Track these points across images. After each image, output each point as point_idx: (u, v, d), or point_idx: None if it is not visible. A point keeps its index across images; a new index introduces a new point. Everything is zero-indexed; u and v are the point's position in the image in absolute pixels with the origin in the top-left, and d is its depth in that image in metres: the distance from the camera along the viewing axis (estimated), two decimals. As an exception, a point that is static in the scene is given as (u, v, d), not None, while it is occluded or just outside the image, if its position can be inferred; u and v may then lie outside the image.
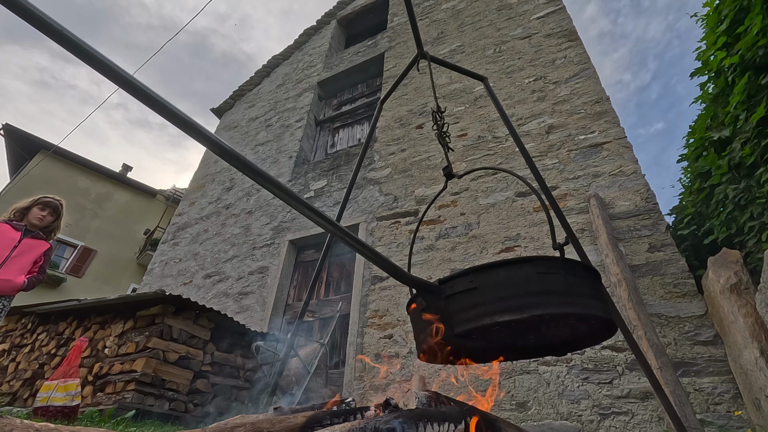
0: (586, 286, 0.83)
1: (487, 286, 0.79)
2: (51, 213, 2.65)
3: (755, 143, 2.51)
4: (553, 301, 0.77)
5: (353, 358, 3.56)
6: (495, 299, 0.78)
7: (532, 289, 0.77)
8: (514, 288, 0.78)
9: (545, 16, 5.10)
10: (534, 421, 2.62)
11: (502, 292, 0.78)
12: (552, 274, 0.80)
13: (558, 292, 0.78)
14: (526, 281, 0.78)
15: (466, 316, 0.80)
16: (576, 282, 0.81)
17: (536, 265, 0.80)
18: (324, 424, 1.13)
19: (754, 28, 2.46)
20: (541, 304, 0.76)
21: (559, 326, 0.97)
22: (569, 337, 1.03)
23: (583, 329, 0.99)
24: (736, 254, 2.35)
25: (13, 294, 2.48)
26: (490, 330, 0.88)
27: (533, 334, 1.01)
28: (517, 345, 1.07)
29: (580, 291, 0.81)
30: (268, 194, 5.89)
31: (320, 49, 8.06)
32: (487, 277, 0.80)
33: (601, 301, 0.85)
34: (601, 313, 0.82)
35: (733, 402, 2.23)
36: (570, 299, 0.78)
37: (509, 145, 4.15)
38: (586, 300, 0.81)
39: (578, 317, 0.84)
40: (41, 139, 13.65)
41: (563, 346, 1.08)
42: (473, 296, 0.80)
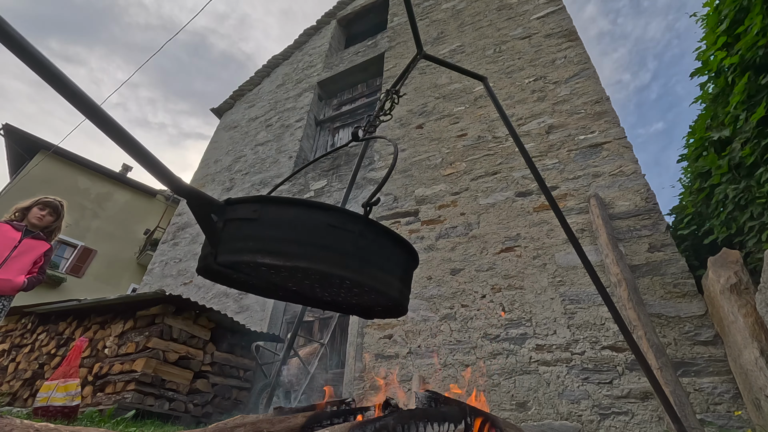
0: (382, 256, 0.74)
1: (270, 220, 0.69)
2: (51, 213, 2.65)
3: (755, 143, 2.51)
4: (325, 257, 0.67)
5: (353, 358, 3.56)
6: (268, 238, 0.68)
7: (310, 239, 0.67)
8: (294, 232, 0.68)
9: (545, 16, 5.10)
10: (534, 421, 2.62)
11: (279, 232, 0.68)
12: (344, 231, 0.70)
13: (340, 251, 0.68)
14: (312, 229, 0.68)
15: (233, 246, 0.69)
16: (369, 248, 0.71)
17: (331, 215, 0.70)
18: (324, 424, 1.13)
19: (754, 28, 2.46)
20: (310, 257, 0.66)
21: (337, 289, 0.84)
22: (363, 303, 0.93)
23: (368, 300, 0.87)
24: (736, 254, 2.35)
25: (13, 294, 2.48)
26: (258, 271, 0.77)
27: (318, 288, 0.87)
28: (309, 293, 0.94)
29: (368, 257, 0.71)
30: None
31: (320, 49, 8.06)
32: (274, 210, 0.70)
33: (396, 277, 0.76)
34: (384, 289, 0.73)
35: (733, 402, 2.23)
36: (346, 261, 0.68)
37: (509, 145, 4.15)
38: (368, 268, 0.71)
39: (351, 283, 0.74)
40: (41, 139, 13.65)
41: (349, 308, 0.97)
42: (251, 227, 0.70)
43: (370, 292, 0.77)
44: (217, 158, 7.50)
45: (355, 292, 0.82)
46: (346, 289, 0.82)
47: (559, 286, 3.06)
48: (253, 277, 0.84)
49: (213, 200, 0.72)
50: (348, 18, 8.60)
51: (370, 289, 0.72)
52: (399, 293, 0.78)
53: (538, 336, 2.92)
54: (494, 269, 3.41)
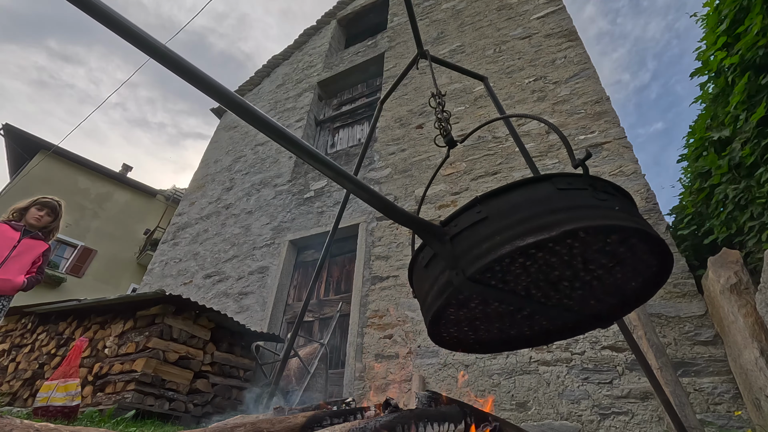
0: (623, 204, 0.69)
1: (500, 212, 0.65)
2: (49, 213, 2.64)
3: (755, 143, 2.51)
4: (586, 214, 0.62)
5: (353, 358, 3.56)
6: (513, 223, 0.63)
7: (557, 206, 0.63)
8: (535, 207, 0.64)
9: (545, 16, 5.10)
10: (534, 421, 2.62)
11: (520, 214, 0.64)
12: (577, 190, 0.66)
13: (589, 205, 0.64)
14: (548, 199, 0.64)
15: (478, 251, 0.64)
16: (608, 199, 0.67)
17: (556, 181, 0.67)
18: (324, 424, 1.13)
19: (754, 28, 2.46)
20: (573, 218, 0.61)
21: (600, 259, 0.75)
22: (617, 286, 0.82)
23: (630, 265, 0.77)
24: (736, 254, 2.35)
25: (13, 294, 2.48)
26: (512, 270, 0.71)
27: (570, 279, 0.77)
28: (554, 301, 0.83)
29: (616, 206, 0.67)
30: (268, 194, 5.89)
31: (320, 49, 8.06)
32: (498, 203, 0.67)
33: (643, 220, 0.70)
34: (648, 229, 0.66)
35: (733, 402, 2.23)
36: (604, 212, 0.63)
37: (509, 145, 4.15)
38: (626, 215, 0.66)
39: (620, 233, 0.67)
40: (41, 139, 13.65)
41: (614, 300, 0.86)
42: (485, 227, 0.66)
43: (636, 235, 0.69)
44: (217, 158, 7.50)
45: (620, 252, 0.73)
46: (610, 250, 0.72)
47: (559, 286, 3.05)
48: (498, 289, 0.75)
49: (431, 224, 0.69)
50: (348, 18, 8.60)
51: (636, 230, 0.65)
52: (642, 222, 0.71)
53: (538, 336, 2.92)
54: (494, 269, 3.41)
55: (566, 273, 0.75)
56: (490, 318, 0.87)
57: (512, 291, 0.76)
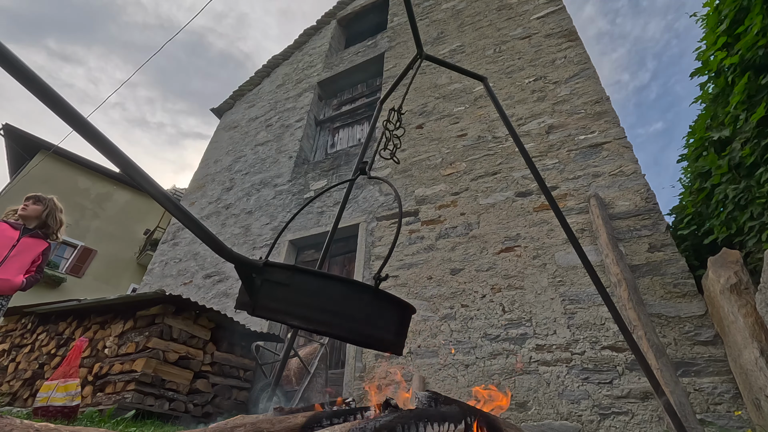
0: (383, 318, 0.89)
1: (298, 288, 0.83)
2: (34, 202, 2.61)
3: (755, 143, 2.51)
4: (338, 325, 0.83)
5: (353, 358, 3.56)
6: (296, 303, 0.82)
7: (329, 307, 0.82)
8: (317, 300, 0.82)
9: (545, 16, 5.10)
10: (534, 421, 2.62)
11: (305, 300, 0.82)
12: (356, 300, 0.85)
13: (349, 317, 0.84)
14: (330, 298, 0.83)
15: (268, 304, 0.83)
16: (375, 313, 0.87)
17: (346, 286, 0.85)
18: (324, 424, 1.13)
19: (754, 28, 2.46)
20: (328, 323, 0.82)
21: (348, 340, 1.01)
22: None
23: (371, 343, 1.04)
24: (736, 254, 2.35)
25: (11, 294, 2.48)
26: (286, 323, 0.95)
27: None
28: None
29: (374, 321, 0.87)
30: (268, 194, 5.90)
31: (320, 49, 8.05)
32: (303, 279, 0.84)
33: (389, 332, 0.91)
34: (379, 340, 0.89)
35: (733, 402, 2.23)
36: (356, 327, 0.84)
37: (509, 145, 4.15)
38: (372, 330, 0.87)
39: (361, 343, 0.92)
40: (41, 139, 13.65)
41: None
42: (283, 291, 0.83)
43: (373, 343, 0.93)
44: (217, 158, 7.50)
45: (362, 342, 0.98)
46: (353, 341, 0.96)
47: (559, 286, 3.06)
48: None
49: (254, 263, 0.84)
50: (348, 18, 8.60)
51: (373, 341, 0.89)
52: (396, 341, 0.93)
53: (538, 336, 2.92)
54: (494, 269, 3.41)
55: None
56: None
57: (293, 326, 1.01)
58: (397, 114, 1.50)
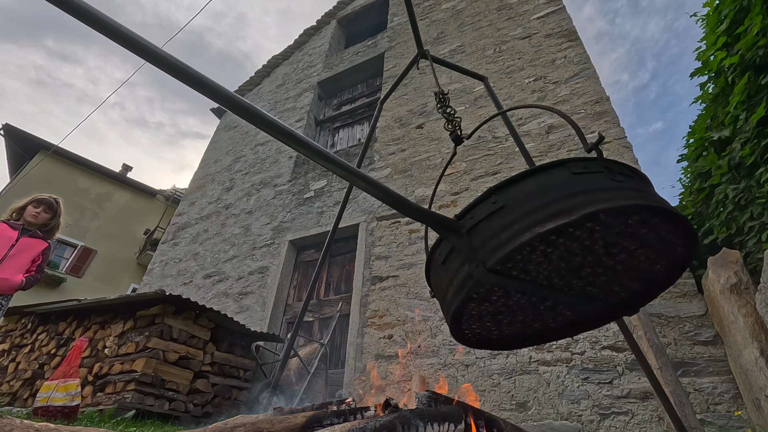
0: (639, 184, 0.68)
1: (516, 200, 0.65)
2: (45, 210, 2.63)
3: (755, 143, 2.51)
4: (605, 196, 0.61)
5: (353, 358, 3.56)
6: (531, 210, 0.63)
7: (575, 190, 0.63)
8: (552, 192, 0.63)
9: (545, 16, 5.10)
10: (534, 421, 2.62)
11: (537, 201, 0.63)
12: (593, 174, 0.65)
13: (607, 187, 0.63)
14: (564, 184, 0.64)
15: (496, 242, 0.63)
16: (625, 180, 0.66)
17: (570, 166, 0.66)
18: (324, 424, 1.13)
19: (754, 28, 2.46)
20: (592, 201, 0.60)
21: (622, 242, 0.73)
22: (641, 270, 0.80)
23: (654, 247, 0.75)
24: (736, 254, 2.35)
25: (11, 293, 2.47)
26: (534, 258, 0.69)
27: (593, 265, 0.75)
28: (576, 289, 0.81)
29: (635, 187, 0.66)
30: (268, 194, 5.89)
31: (320, 49, 8.05)
32: (514, 191, 0.67)
33: (662, 199, 0.69)
34: (669, 207, 0.65)
35: (733, 402, 2.23)
36: (622, 193, 0.63)
37: (509, 145, 4.15)
38: (644, 194, 0.65)
39: (641, 213, 0.66)
40: (41, 139, 13.65)
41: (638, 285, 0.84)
42: (502, 216, 0.65)
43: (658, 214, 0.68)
44: (217, 158, 7.50)
45: (642, 233, 0.72)
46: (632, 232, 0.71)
47: (559, 286, 3.05)
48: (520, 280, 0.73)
49: (446, 218, 0.68)
50: (348, 18, 8.60)
51: (657, 209, 0.65)
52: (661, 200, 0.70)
53: (538, 336, 2.92)
54: (494, 269, 3.41)
55: (588, 259, 0.74)
56: (512, 311, 0.85)
57: (534, 281, 0.74)
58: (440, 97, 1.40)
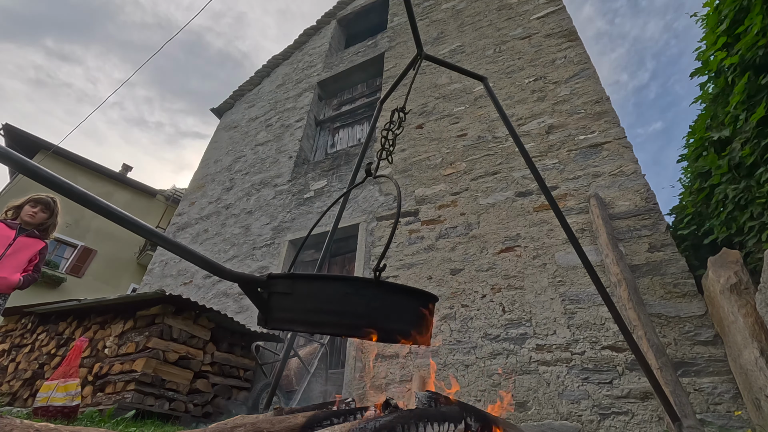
0: (394, 309, 0.87)
1: (300, 294, 0.83)
2: (43, 209, 2.61)
3: (755, 143, 2.51)
4: (344, 323, 0.81)
5: (353, 358, 3.56)
6: (301, 310, 0.82)
7: (332, 307, 0.81)
8: (319, 302, 0.82)
9: (545, 16, 5.10)
10: (534, 421, 2.62)
11: (308, 305, 0.82)
12: (358, 297, 0.83)
13: (354, 314, 0.82)
14: (329, 299, 0.82)
15: (276, 316, 0.85)
16: (382, 305, 0.84)
17: (346, 284, 0.84)
18: (324, 424, 1.13)
19: (754, 28, 2.46)
20: (333, 324, 0.81)
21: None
22: None
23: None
24: (736, 254, 2.35)
25: (9, 292, 2.47)
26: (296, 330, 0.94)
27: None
28: None
29: (383, 313, 0.85)
30: (268, 194, 5.90)
31: (320, 49, 8.05)
32: (302, 285, 0.84)
33: (405, 322, 0.88)
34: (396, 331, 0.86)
35: (733, 402, 2.23)
36: (363, 322, 0.82)
37: (509, 145, 4.15)
38: (383, 323, 0.84)
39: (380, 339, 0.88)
40: (41, 139, 13.65)
41: None
42: (287, 300, 0.84)
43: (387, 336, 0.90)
44: (217, 158, 7.50)
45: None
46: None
47: (559, 286, 3.06)
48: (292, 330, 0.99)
49: (257, 278, 0.86)
50: (348, 18, 8.60)
51: (387, 334, 0.85)
52: (414, 330, 0.90)
53: (538, 336, 2.92)
54: (494, 269, 3.41)
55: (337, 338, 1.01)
56: None
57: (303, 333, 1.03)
58: (399, 114, 1.50)
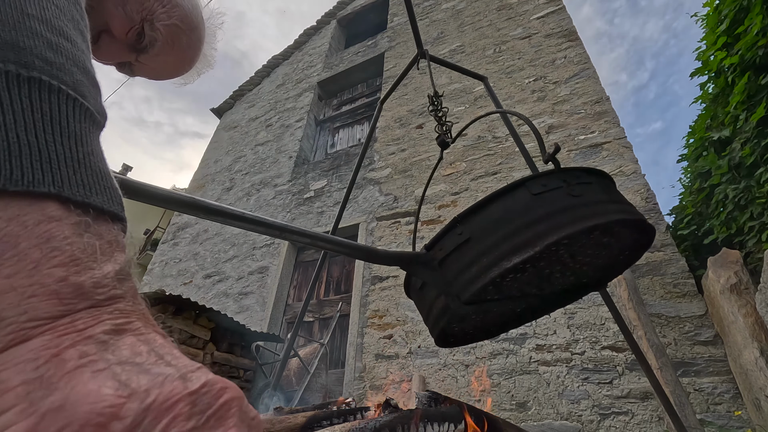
0: (598, 192, 0.69)
1: (481, 231, 0.65)
2: None
3: (755, 143, 2.51)
4: (564, 220, 0.62)
5: (353, 358, 3.56)
6: (494, 243, 0.63)
7: (535, 216, 0.63)
8: (513, 222, 0.64)
9: (545, 16, 5.10)
10: (534, 421, 2.62)
11: (500, 232, 0.64)
12: (552, 191, 0.66)
13: (566, 207, 0.64)
14: (526, 209, 0.64)
15: (468, 275, 0.64)
16: (584, 191, 0.67)
17: (530, 186, 0.66)
18: (324, 424, 1.13)
19: (754, 28, 2.46)
20: (553, 228, 0.61)
21: (586, 250, 0.77)
22: (607, 261, 0.86)
23: (616, 245, 0.81)
24: (736, 254, 2.35)
25: None
26: (505, 283, 0.72)
27: (561, 270, 0.80)
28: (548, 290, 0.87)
29: (593, 199, 0.67)
30: (268, 194, 5.90)
31: (320, 49, 8.05)
32: (478, 220, 0.67)
33: (620, 203, 0.71)
34: (626, 215, 0.67)
35: (733, 402, 2.23)
36: (581, 212, 0.64)
37: (509, 145, 4.15)
38: (603, 206, 0.67)
39: (601, 229, 0.68)
40: (41, 139, 13.64)
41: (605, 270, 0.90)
42: (469, 248, 0.65)
43: (617, 225, 0.70)
44: (217, 158, 7.50)
45: (604, 241, 0.76)
46: (594, 242, 0.75)
47: (559, 286, 3.05)
48: (496, 301, 0.78)
49: (417, 254, 0.70)
50: (348, 18, 8.60)
51: (619, 221, 0.67)
52: (637, 213, 0.72)
53: (538, 336, 2.92)
54: (494, 269, 3.41)
55: (557, 268, 0.78)
56: (491, 318, 0.95)
57: (508, 296, 0.79)
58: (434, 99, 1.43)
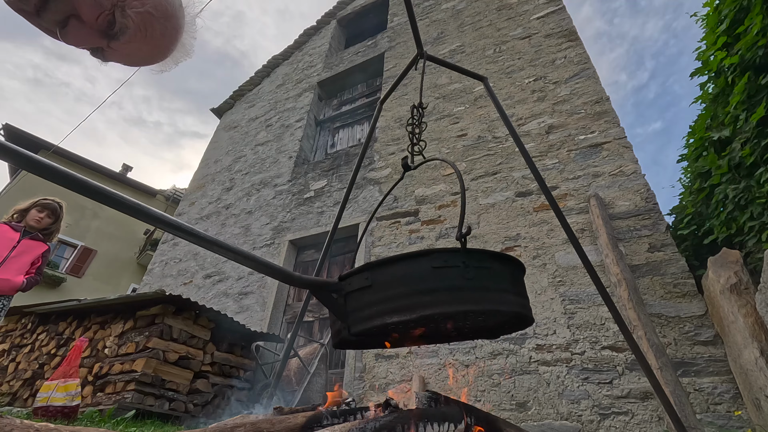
0: (489, 278, 0.76)
1: (381, 283, 0.73)
2: (49, 215, 2.64)
3: (755, 143, 2.51)
4: (443, 299, 0.70)
5: (353, 358, 3.56)
6: (386, 298, 0.72)
7: (424, 287, 0.71)
8: (407, 286, 0.71)
9: (545, 16, 5.10)
10: (534, 421, 2.62)
11: (393, 291, 0.72)
12: (449, 268, 0.72)
13: (453, 287, 0.71)
14: (420, 278, 0.71)
15: (360, 315, 0.74)
16: (478, 275, 0.74)
17: (433, 258, 0.73)
18: (324, 424, 1.13)
19: (754, 28, 2.46)
20: (432, 303, 0.69)
21: (466, 319, 0.89)
22: (489, 325, 0.98)
23: (494, 321, 0.93)
24: (736, 254, 2.35)
25: (12, 294, 2.48)
26: (389, 329, 0.82)
27: (448, 325, 0.93)
28: (435, 333, 1.00)
29: (480, 285, 0.74)
30: (268, 194, 5.90)
31: (320, 49, 8.05)
32: (382, 273, 0.74)
33: (511, 292, 0.78)
34: (501, 307, 0.75)
35: (733, 402, 2.23)
36: (465, 295, 0.71)
37: (509, 145, 4.15)
38: (488, 294, 0.74)
39: (475, 313, 0.78)
40: (41, 139, 13.66)
41: (475, 332, 1.04)
42: (368, 294, 0.74)
43: (493, 314, 0.81)
44: (217, 158, 7.50)
45: (480, 319, 0.88)
46: (471, 319, 0.88)
47: (559, 286, 3.06)
48: (383, 336, 0.93)
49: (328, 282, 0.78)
50: (348, 18, 8.60)
51: (492, 311, 0.75)
52: (520, 306, 0.81)
53: (538, 336, 2.92)
54: (494, 269, 3.41)
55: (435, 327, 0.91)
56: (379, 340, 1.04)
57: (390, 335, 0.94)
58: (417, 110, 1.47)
